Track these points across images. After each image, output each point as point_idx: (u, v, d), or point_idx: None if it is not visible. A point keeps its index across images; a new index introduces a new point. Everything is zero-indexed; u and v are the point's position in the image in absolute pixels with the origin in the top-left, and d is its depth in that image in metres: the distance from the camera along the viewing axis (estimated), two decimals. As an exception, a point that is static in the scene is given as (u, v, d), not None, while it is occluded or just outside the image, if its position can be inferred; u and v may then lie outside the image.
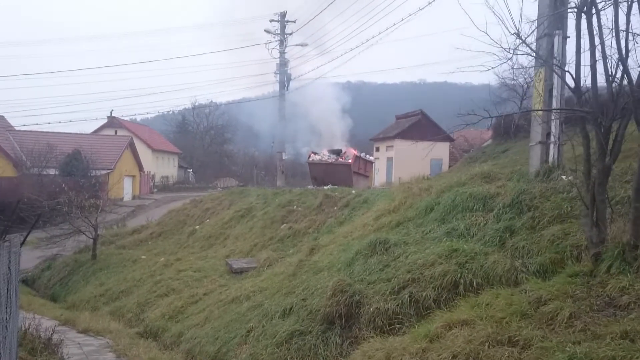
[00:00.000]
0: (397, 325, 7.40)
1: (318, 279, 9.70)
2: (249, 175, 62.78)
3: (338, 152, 27.04)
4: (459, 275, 7.72)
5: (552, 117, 10.09)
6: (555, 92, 10.16)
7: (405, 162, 44.75)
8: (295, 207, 18.94)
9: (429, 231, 9.98)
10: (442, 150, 48.81)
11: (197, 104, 76.88)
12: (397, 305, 7.68)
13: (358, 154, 27.65)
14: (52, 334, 9.94)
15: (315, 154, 27.16)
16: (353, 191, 18.55)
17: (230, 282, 13.98)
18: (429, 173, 40.16)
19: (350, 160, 25.86)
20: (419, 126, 48.32)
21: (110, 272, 20.06)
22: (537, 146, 10.48)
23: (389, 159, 47.66)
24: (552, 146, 10.25)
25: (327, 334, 7.80)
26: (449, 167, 44.47)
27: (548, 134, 10.30)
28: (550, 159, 10.24)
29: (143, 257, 21.09)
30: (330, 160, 26.18)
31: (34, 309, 16.01)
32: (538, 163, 10.32)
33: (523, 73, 36.95)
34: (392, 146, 47.89)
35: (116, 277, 19.11)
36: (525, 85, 35.88)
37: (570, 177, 9.54)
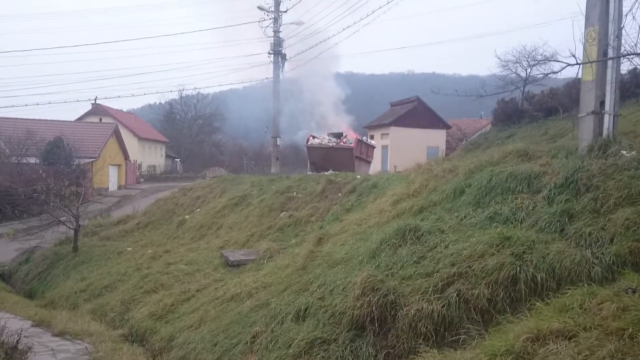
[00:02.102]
0: (447, 334, 5.93)
1: (336, 273, 8.18)
2: (239, 165, 61.15)
3: (339, 136, 25.40)
4: (517, 268, 6.24)
5: (608, 81, 8.63)
6: (611, 52, 8.66)
7: (401, 150, 43.49)
8: (295, 193, 17.39)
9: (465, 217, 8.49)
10: (438, 137, 47.62)
11: (184, 94, 75.15)
12: (443, 306, 6.18)
13: (360, 138, 26.04)
14: (18, 339, 8.35)
15: (314, 137, 25.48)
16: (358, 176, 17.03)
17: (227, 276, 12.42)
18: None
19: (352, 144, 24.24)
20: (415, 113, 47.08)
21: (92, 266, 18.41)
22: (588, 117, 8.97)
23: (384, 147, 46.26)
24: (606, 117, 8.77)
25: (356, 342, 6.26)
26: (446, 155, 43.27)
27: (602, 103, 8.81)
28: (605, 131, 8.77)
29: (129, 249, 19.47)
30: (330, 144, 24.52)
31: (6, 307, 14.43)
32: (590, 136, 8.83)
33: (527, 57, 35.69)
34: (388, 134, 46.58)
35: (99, 270, 17.46)
36: (529, 70, 34.54)
37: (633, 152, 8.13)
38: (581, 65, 9.01)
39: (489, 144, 33.47)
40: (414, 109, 46.95)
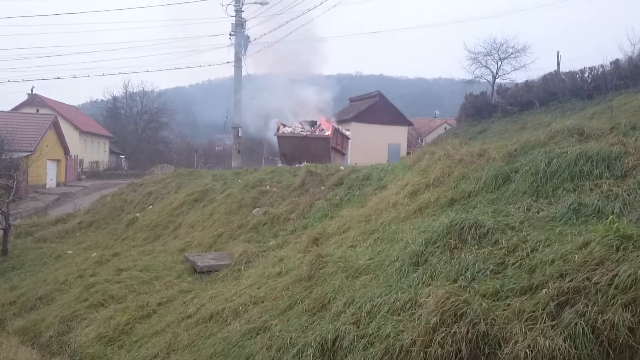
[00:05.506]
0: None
1: (365, 284, 5.97)
2: (188, 163, 57.97)
3: (313, 124, 23.10)
4: (662, 282, 4.21)
5: None
6: None
7: (361, 147, 41.53)
8: (268, 187, 15.06)
9: (528, 209, 6.47)
10: (400, 134, 46.04)
11: (129, 86, 71.33)
12: (565, 339, 4.07)
13: (337, 127, 23.81)
14: None
15: (284, 125, 23.08)
16: (342, 167, 14.88)
17: (196, 286, 9.99)
18: (387, 158, 37.30)
19: (328, 134, 21.96)
20: (376, 109, 45.35)
21: (25, 272, 15.53)
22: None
23: (345, 143, 44.36)
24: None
25: (437, 400, 4.07)
26: (407, 153, 41.76)
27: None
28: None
29: (69, 252, 16.63)
30: (304, 134, 22.10)
31: None
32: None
33: (497, 49, 34.48)
34: (348, 130, 44.62)
35: (32, 278, 14.62)
36: (500, 63, 33.32)
37: None
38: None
39: (459, 140, 32.00)
40: (375, 105, 45.29)
